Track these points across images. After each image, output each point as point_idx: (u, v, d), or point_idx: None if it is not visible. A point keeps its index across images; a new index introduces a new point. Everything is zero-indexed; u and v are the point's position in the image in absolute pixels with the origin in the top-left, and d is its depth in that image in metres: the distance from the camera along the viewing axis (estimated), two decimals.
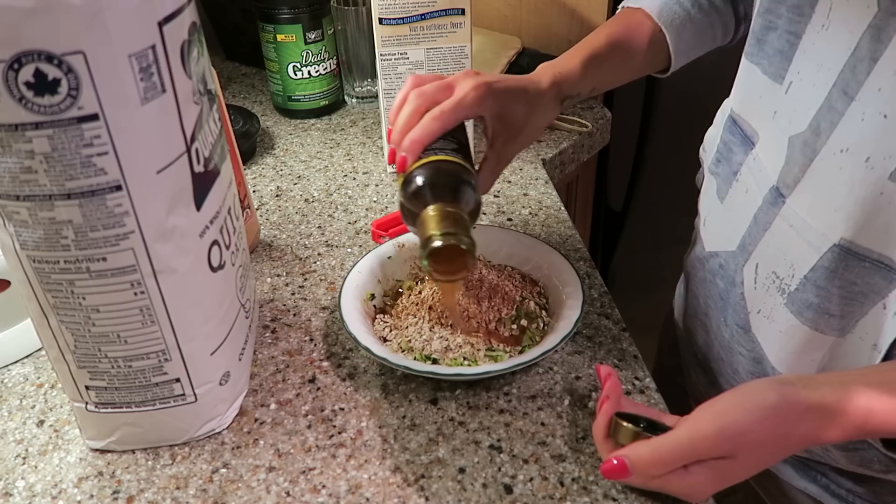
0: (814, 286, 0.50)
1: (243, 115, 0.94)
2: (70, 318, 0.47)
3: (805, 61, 0.50)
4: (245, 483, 0.51)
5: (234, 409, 0.56)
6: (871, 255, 0.47)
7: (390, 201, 0.84)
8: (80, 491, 0.51)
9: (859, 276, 0.48)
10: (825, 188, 0.48)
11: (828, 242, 0.49)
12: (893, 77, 0.43)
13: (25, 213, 0.42)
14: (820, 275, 0.50)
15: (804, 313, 0.52)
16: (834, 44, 0.47)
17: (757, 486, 0.70)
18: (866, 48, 0.44)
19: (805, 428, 0.43)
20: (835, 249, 0.48)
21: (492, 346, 0.59)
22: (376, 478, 0.51)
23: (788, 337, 0.53)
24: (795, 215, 0.51)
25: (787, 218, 0.52)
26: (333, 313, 0.67)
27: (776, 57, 0.53)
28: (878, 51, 0.43)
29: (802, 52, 0.50)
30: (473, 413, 0.56)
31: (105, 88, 0.39)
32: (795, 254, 0.51)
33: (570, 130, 0.98)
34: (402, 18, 0.79)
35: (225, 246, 0.53)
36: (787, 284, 0.52)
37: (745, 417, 0.43)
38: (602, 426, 0.49)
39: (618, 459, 0.45)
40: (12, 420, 0.57)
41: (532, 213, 0.81)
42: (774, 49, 0.53)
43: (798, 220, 0.51)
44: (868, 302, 0.49)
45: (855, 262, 0.48)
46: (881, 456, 0.53)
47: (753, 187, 0.56)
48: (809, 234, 0.50)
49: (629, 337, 0.63)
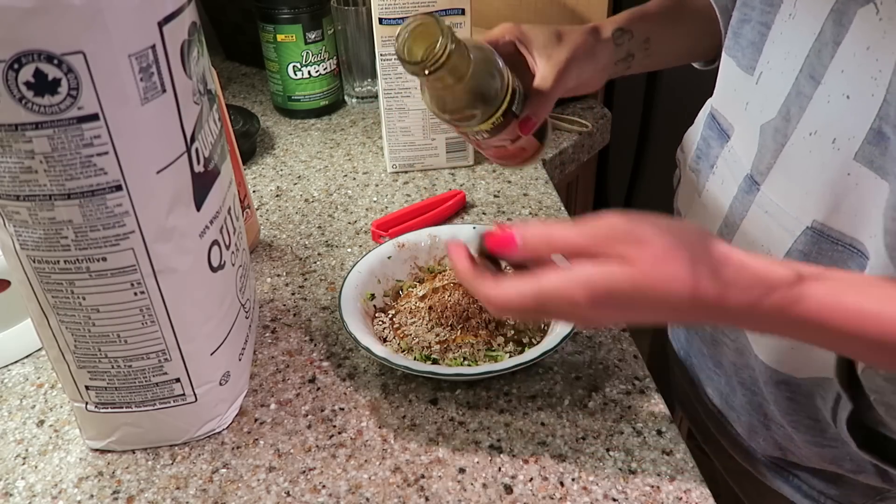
0: None
1: (243, 115, 0.94)
2: (70, 318, 0.47)
3: (774, 50, 0.51)
4: (245, 483, 0.51)
5: (234, 409, 0.56)
6: (844, 238, 0.47)
7: (390, 201, 0.84)
8: (80, 491, 0.51)
9: (834, 260, 0.48)
10: (796, 172, 0.49)
11: (801, 226, 0.49)
12: (854, 58, 0.44)
13: (25, 213, 0.42)
14: (795, 259, 0.50)
15: None
16: (800, 31, 0.48)
17: (734, 485, 0.70)
18: (829, 32, 0.45)
19: (713, 264, 0.39)
20: (808, 233, 0.49)
21: (492, 346, 0.59)
22: (376, 478, 0.51)
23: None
24: (770, 201, 0.52)
25: (762, 204, 0.53)
26: (333, 313, 0.67)
27: (749, 49, 0.54)
28: (841, 34, 0.45)
29: (772, 41, 0.51)
30: (473, 413, 0.56)
31: (105, 88, 0.39)
32: (772, 239, 0.52)
33: (570, 130, 0.98)
34: (402, 18, 0.79)
35: (225, 246, 0.53)
36: None
37: (656, 230, 0.39)
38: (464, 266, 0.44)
39: (508, 230, 0.42)
40: (12, 420, 0.57)
41: (532, 213, 0.81)
42: (748, 41, 0.54)
43: (772, 206, 0.52)
44: None
45: (828, 246, 0.48)
46: (854, 454, 0.53)
47: (729, 178, 0.57)
48: (783, 219, 0.51)
49: (629, 337, 0.63)
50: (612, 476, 0.51)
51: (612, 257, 0.39)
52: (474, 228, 0.71)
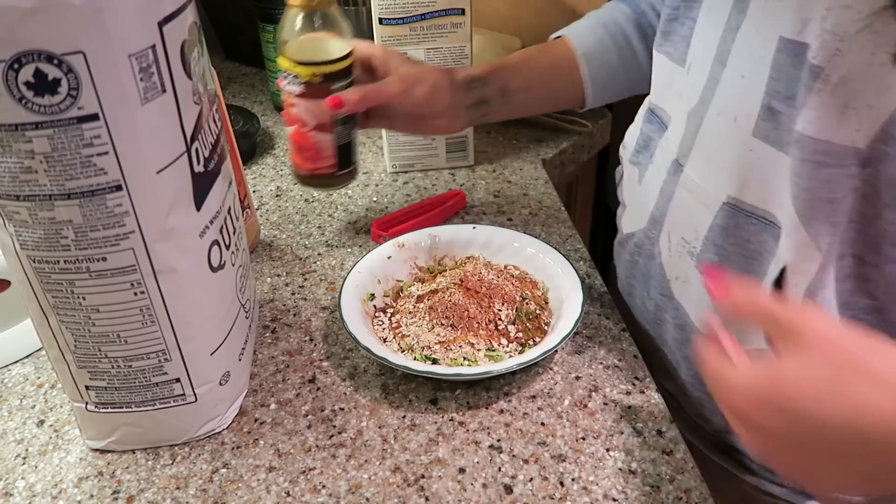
0: (713, 245, 0.54)
1: (243, 115, 0.94)
2: (70, 318, 0.47)
3: (697, 42, 0.55)
4: (245, 483, 0.51)
5: (234, 409, 0.56)
6: (756, 211, 0.50)
7: (390, 201, 0.84)
8: (80, 491, 0.51)
9: (751, 234, 0.51)
10: (709, 151, 0.53)
11: (718, 202, 0.53)
12: (748, 41, 0.48)
13: (25, 213, 0.42)
14: (716, 234, 0.53)
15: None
16: (714, 21, 0.52)
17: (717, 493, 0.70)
18: (734, 20, 0.50)
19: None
20: (725, 208, 0.52)
21: (492, 346, 0.59)
22: (376, 478, 0.51)
23: (703, 297, 0.55)
24: (691, 181, 0.55)
25: (685, 185, 0.56)
26: (333, 313, 0.67)
27: (681, 43, 0.57)
28: (740, 20, 0.49)
29: (696, 34, 0.55)
30: (473, 413, 0.56)
31: (105, 88, 0.39)
32: (696, 217, 0.55)
33: (570, 130, 0.98)
34: (402, 18, 0.79)
35: (225, 246, 0.53)
36: (693, 248, 0.56)
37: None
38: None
39: (723, 279, 0.42)
40: (12, 420, 0.57)
41: (532, 213, 0.81)
42: (679, 36, 0.58)
43: (693, 185, 0.55)
44: (765, 261, 0.51)
45: (744, 220, 0.51)
46: None
47: (661, 164, 0.60)
48: (703, 196, 0.54)
49: (629, 337, 0.63)
50: (612, 476, 0.51)
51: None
52: (474, 228, 0.71)
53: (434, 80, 0.69)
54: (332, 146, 0.68)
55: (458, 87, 0.71)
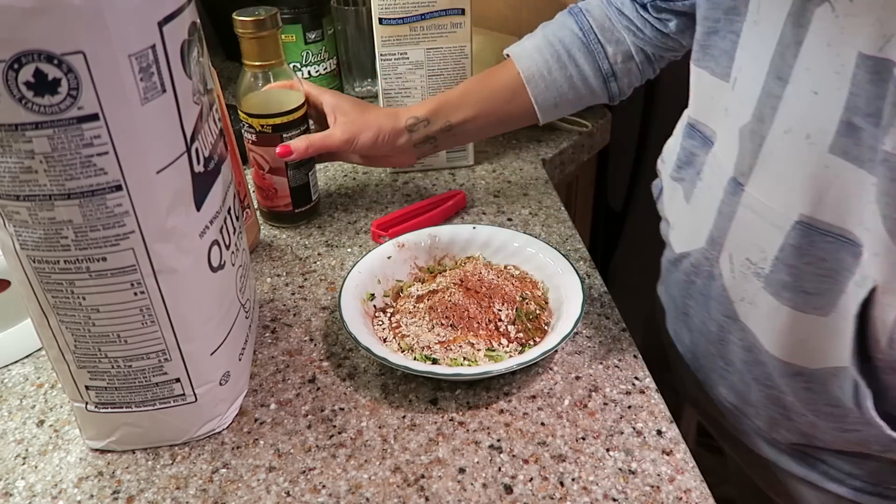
0: (785, 266, 0.52)
1: None
2: (70, 318, 0.47)
3: (744, 56, 0.53)
4: (245, 483, 0.51)
5: (234, 409, 0.56)
6: (833, 230, 0.49)
7: (390, 201, 0.84)
8: (80, 491, 0.51)
9: (827, 252, 0.50)
10: (777, 170, 0.52)
11: (789, 221, 0.51)
12: (817, 56, 0.47)
13: (25, 213, 0.42)
14: (789, 254, 0.52)
15: (782, 294, 0.53)
16: (764, 36, 0.50)
17: (758, 478, 0.70)
18: (790, 34, 0.48)
19: None
20: (797, 227, 0.51)
21: (492, 346, 0.59)
22: (376, 478, 0.51)
23: (773, 320, 0.55)
24: (756, 200, 0.54)
25: (749, 205, 0.54)
26: (333, 313, 0.67)
27: (722, 57, 0.56)
28: (801, 35, 0.47)
29: (742, 48, 0.54)
30: (473, 413, 0.56)
31: (105, 88, 0.39)
32: (763, 237, 0.54)
33: (570, 130, 0.98)
34: (402, 18, 0.79)
35: (225, 246, 0.53)
36: (761, 268, 0.55)
37: None
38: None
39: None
40: (12, 420, 0.57)
41: (532, 213, 0.81)
42: (720, 50, 0.56)
43: (759, 205, 0.54)
44: (842, 279, 0.50)
45: (819, 238, 0.50)
46: (881, 436, 0.53)
47: (714, 183, 0.58)
48: (771, 216, 0.53)
49: (629, 337, 0.63)
50: (612, 476, 0.51)
51: None
52: (474, 228, 0.71)
53: (377, 127, 0.74)
54: (288, 187, 0.77)
55: (401, 131, 0.75)
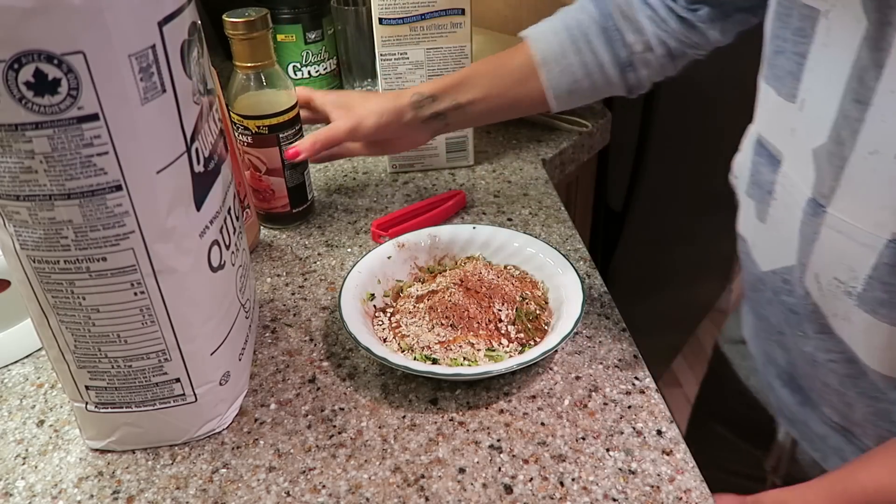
0: (880, 283, 0.51)
1: None
2: (70, 318, 0.47)
3: (813, 79, 0.52)
4: (245, 483, 0.51)
5: (234, 409, 0.56)
6: None
7: (390, 201, 0.84)
8: (80, 491, 0.51)
9: None
10: (863, 191, 0.50)
11: (881, 240, 0.50)
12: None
13: (25, 213, 0.42)
14: (884, 272, 0.51)
15: (878, 311, 0.52)
16: (836, 59, 0.49)
17: (793, 431, 0.70)
18: (868, 58, 0.47)
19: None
20: (891, 245, 0.50)
21: (492, 346, 0.59)
22: (376, 478, 0.51)
23: (871, 335, 0.54)
24: (841, 221, 0.53)
25: (833, 225, 0.53)
26: (333, 313, 0.67)
27: (787, 78, 0.55)
28: (882, 58, 0.46)
29: (810, 70, 0.53)
30: (473, 413, 0.56)
31: (105, 88, 0.39)
32: (852, 257, 0.53)
33: (570, 130, 0.98)
34: (402, 18, 0.79)
35: (225, 246, 0.53)
36: (852, 287, 0.54)
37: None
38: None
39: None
40: (12, 420, 0.57)
41: (532, 213, 0.81)
42: (785, 71, 0.56)
43: (845, 226, 0.52)
44: None
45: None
46: None
47: (791, 203, 0.57)
48: (860, 236, 0.51)
49: (629, 337, 0.63)
50: (612, 476, 0.51)
51: None
52: (474, 228, 0.71)
53: (379, 109, 0.73)
54: (285, 188, 0.77)
55: (404, 108, 0.73)
